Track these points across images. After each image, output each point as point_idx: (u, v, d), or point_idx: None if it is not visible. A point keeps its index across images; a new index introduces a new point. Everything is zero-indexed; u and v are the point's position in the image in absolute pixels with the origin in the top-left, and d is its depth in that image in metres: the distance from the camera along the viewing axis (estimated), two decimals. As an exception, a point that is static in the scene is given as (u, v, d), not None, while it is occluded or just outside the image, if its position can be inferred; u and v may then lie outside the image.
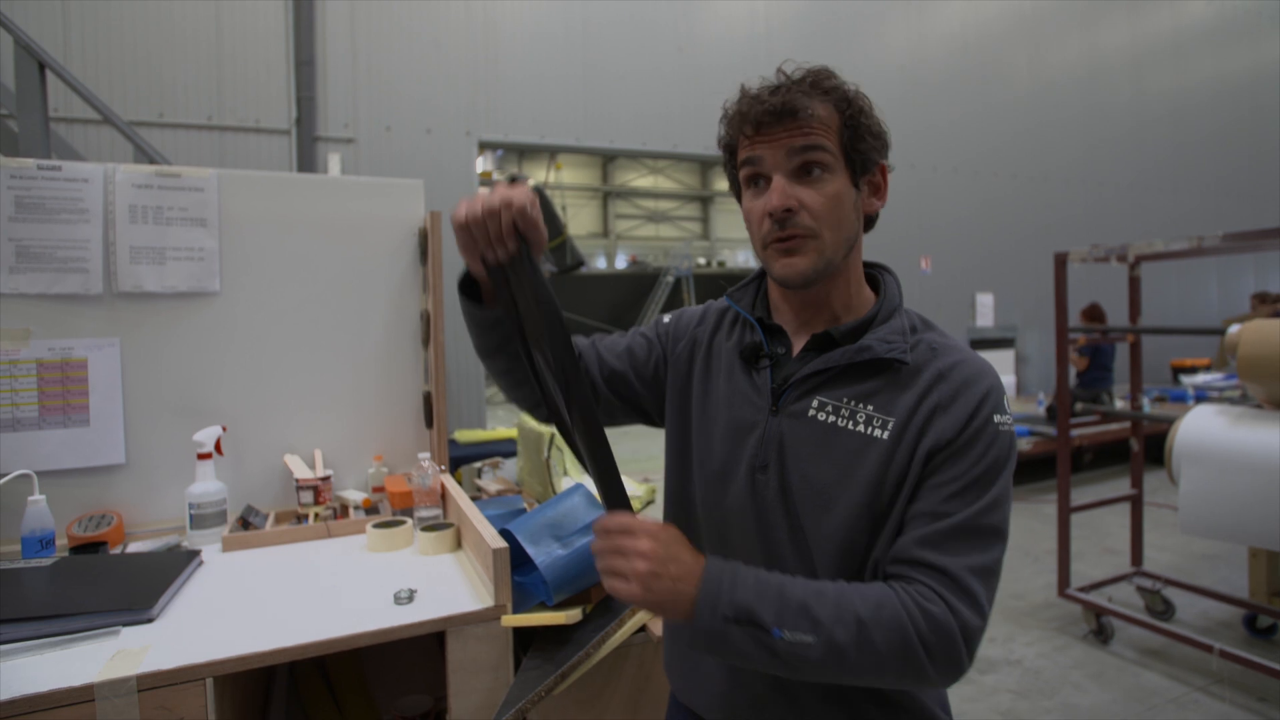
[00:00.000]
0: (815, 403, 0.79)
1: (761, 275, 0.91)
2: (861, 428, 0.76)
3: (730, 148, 0.83)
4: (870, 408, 0.77)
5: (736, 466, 0.82)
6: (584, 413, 0.74)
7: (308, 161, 4.40)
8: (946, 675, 0.69)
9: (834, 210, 0.77)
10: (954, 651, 0.68)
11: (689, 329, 0.95)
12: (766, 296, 0.90)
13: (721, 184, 22.38)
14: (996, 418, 0.75)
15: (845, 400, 0.78)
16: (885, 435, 0.75)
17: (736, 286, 0.93)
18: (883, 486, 0.75)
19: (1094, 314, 5.77)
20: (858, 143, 0.78)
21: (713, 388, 0.88)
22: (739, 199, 0.84)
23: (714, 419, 0.86)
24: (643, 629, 1.23)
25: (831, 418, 0.78)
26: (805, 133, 0.76)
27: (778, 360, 0.84)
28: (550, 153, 16.04)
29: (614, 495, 0.74)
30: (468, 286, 0.86)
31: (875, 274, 0.88)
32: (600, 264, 19.68)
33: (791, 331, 0.85)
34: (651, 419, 0.97)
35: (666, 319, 0.98)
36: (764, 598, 0.68)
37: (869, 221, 0.84)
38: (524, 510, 1.62)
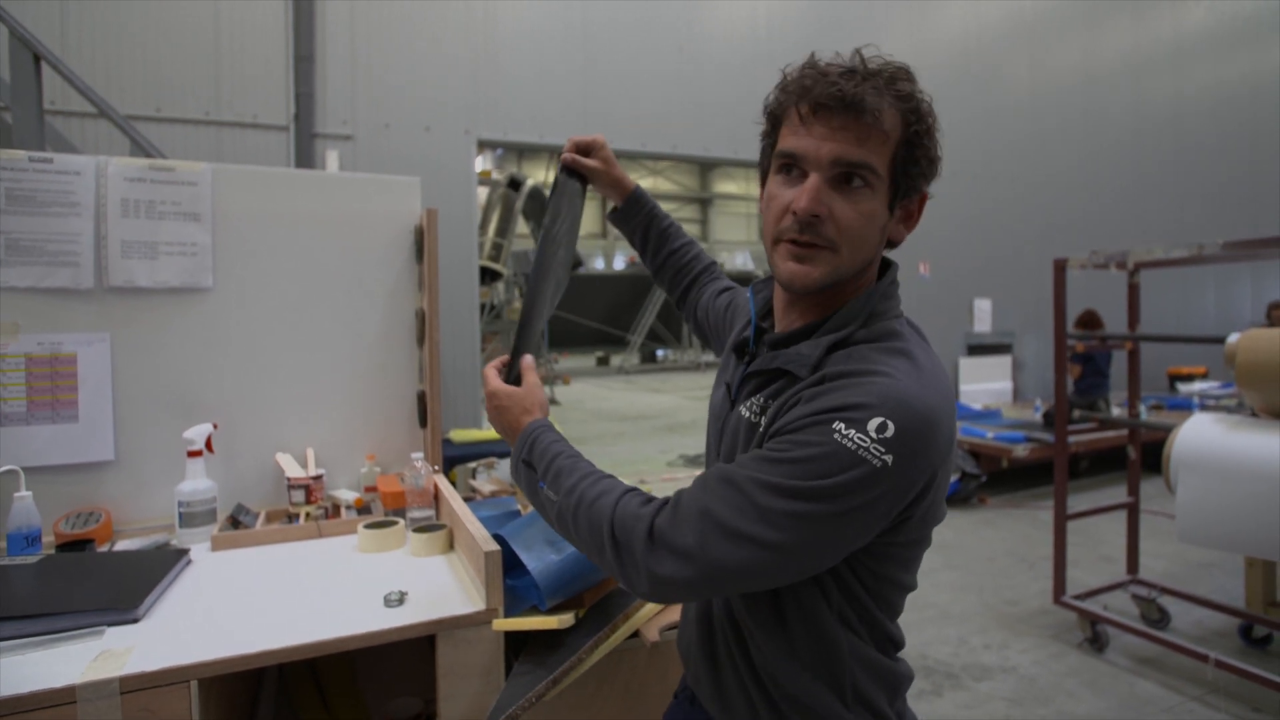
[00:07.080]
0: (747, 402, 0.81)
1: None
2: (762, 424, 0.78)
3: (775, 118, 0.77)
4: (774, 405, 0.77)
5: (711, 451, 0.91)
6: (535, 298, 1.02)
7: (306, 158, 4.38)
8: (623, 569, 0.72)
9: (861, 230, 0.73)
10: (632, 544, 0.71)
11: (745, 308, 1.02)
12: None
13: (720, 186, 22.49)
14: (842, 426, 0.66)
15: (763, 400, 0.79)
16: (762, 425, 0.77)
17: (763, 279, 0.92)
18: None
19: (1089, 321, 5.74)
20: (910, 165, 0.72)
21: (720, 372, 0.94)
22: (764, 177, 0.80)
23: (710, 403, 0.94)
24: (635, 634, 1.22)
25: (750, 415, 0.80)
26: (860, 140, 0.70)
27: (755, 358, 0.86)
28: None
29: (516, 348, 0.98)
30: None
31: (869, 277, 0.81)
32: (599, 265, 19.66)
33: (780, 329, 0.84)
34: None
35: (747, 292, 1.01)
36: (543, 459, 0.84)
37: (890, 245, 0.80)
38: (518, 512, 1.61)
